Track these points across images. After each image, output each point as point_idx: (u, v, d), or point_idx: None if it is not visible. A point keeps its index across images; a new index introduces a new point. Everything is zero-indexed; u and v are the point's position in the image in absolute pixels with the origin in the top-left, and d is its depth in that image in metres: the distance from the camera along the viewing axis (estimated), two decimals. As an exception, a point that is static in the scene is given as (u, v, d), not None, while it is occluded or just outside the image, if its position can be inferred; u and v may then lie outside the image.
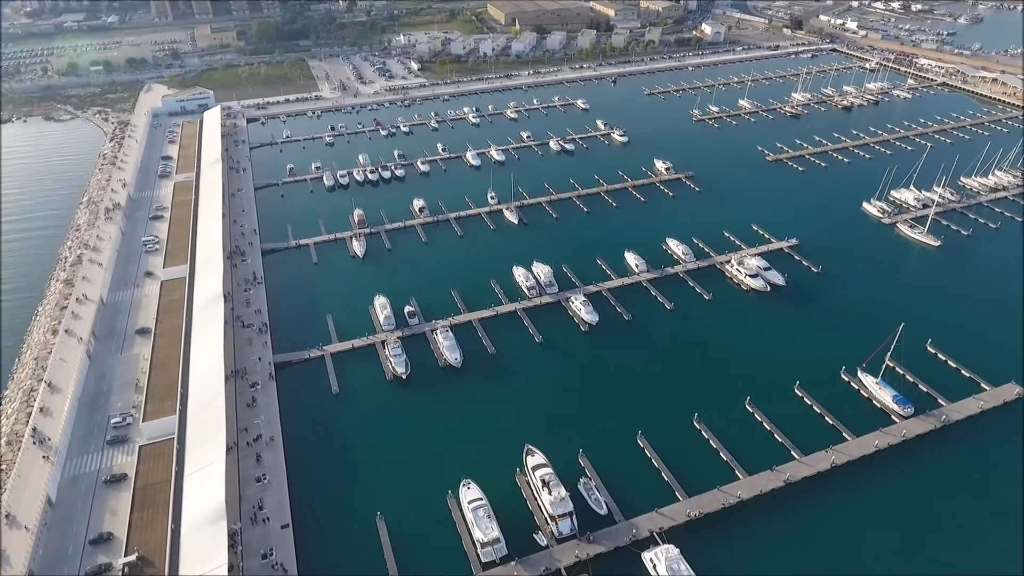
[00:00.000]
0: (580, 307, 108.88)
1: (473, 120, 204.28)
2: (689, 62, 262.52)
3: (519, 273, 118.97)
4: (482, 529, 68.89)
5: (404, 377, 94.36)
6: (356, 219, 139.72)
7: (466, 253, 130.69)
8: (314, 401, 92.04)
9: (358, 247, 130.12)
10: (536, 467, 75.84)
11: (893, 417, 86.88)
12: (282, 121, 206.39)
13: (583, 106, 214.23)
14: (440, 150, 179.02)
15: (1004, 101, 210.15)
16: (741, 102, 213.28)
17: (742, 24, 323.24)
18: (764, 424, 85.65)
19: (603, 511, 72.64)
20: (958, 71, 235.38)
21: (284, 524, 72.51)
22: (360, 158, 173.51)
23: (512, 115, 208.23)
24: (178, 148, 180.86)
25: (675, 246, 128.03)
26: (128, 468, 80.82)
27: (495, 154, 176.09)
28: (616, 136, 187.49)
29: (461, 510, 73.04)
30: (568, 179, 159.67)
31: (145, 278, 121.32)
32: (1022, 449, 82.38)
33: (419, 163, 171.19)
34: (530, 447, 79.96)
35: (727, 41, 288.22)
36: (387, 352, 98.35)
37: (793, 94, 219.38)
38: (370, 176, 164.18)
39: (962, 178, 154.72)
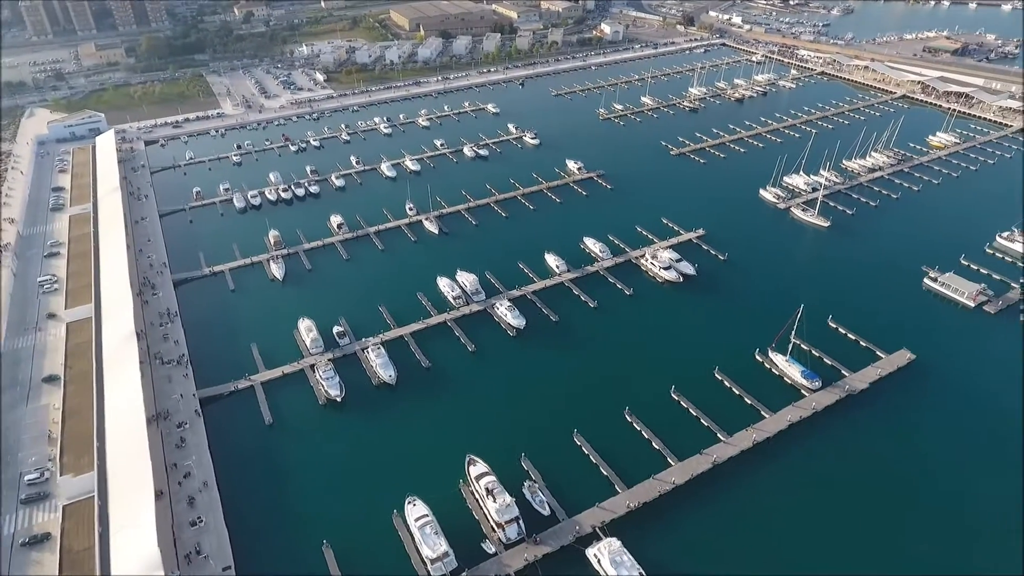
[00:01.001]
0: (507, 312, 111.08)
1: (385, 130, 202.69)
2: (592, 61, 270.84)
3: (444, 283, 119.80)
4: (430, 545, 69.67)
5: (339, 400, 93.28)
6: (272, 241, 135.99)
7: (390, 267, 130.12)
8: (246, 434, 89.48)
9: (277, 270, 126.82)
10: (479, 476, 77.32)
11: (803, 391, 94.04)
12: (183, 142, 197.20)
13: (494, 110, 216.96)
14: (354, 163, 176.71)
15: (875, 87, 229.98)
16: (643, 99, 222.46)
17: (638, 22, 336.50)
18: (690, 410, 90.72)
19: (547, 512, 75.04)
20: (834, 60, 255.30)
21: (226, 567, 70.47)
22: (271, 176, 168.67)
23: (424, 123, 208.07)
24: (70, 178, 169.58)
25: (592, 244, 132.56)
26: (50, 527, 75.96)
27: (410, 164, 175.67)
28: (528, 139, 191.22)
29: (408, 528, 73.41)
30: (484, 185, 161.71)
31: (47, 321, 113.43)
32: (916, 410, 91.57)
33: (333, 178, 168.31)
34: (472, 457, 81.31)
35: (626, 40, 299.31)
36: (318, 376, 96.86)
37: (690, 89, 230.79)
38: (283, 195, 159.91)
39: (844, 161, 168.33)
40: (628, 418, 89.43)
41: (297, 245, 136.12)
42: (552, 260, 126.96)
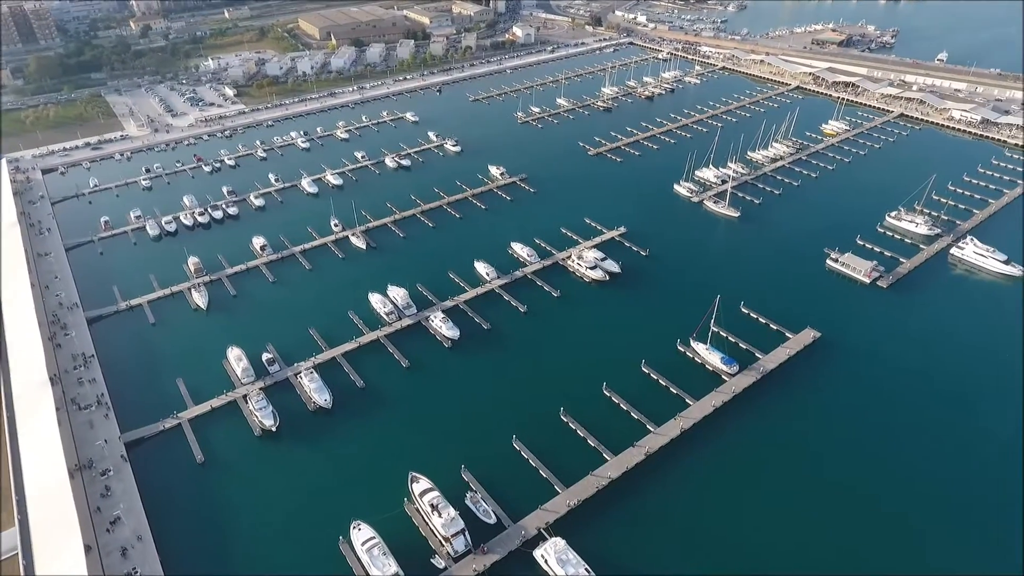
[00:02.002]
0: (440, 324, 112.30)
1: (303, 145, 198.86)
2: (507, 65, 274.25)
3: (375, 299, 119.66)
4: (379, 567, 70.35)
5: (274, 429, 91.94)
6: (192, 268, 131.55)
7: (318, 287, 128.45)
8: (178, 475, 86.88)
9: (199, 298, 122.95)
10: (423, 493, 78.44)
11: (723, 376, 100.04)
12: (86, 168, 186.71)
13: (413, 119, 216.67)
14: (273, 181, 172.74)
15: (772, 80, 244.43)
16: (559, 100, 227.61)
17: (549, 24, 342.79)
18: (621, 405, 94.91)
19: (492, 520, 77.05)
20: (733, 56, 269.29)
21: (168, 614, 68.84)
22: (185, 200, 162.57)
23: (343, 135, 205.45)
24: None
25: (519, 249, 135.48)
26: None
27: (331, 178, 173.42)
28: (449, 146, 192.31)
29: (355, 553, 73.67)
30: (409, 195, 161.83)
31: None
32: (823, 383, 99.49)
33: (252, 197, 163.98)
34: (414, 474, 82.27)
35: (538, 42, 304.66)
36: (251, 406, 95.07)
37: (603, 88, 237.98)
38: (200, 218, 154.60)
39: (749, 152, 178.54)
40: (564, 418, 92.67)
41: (219, 271, 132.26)
42: (482, 268, 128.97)
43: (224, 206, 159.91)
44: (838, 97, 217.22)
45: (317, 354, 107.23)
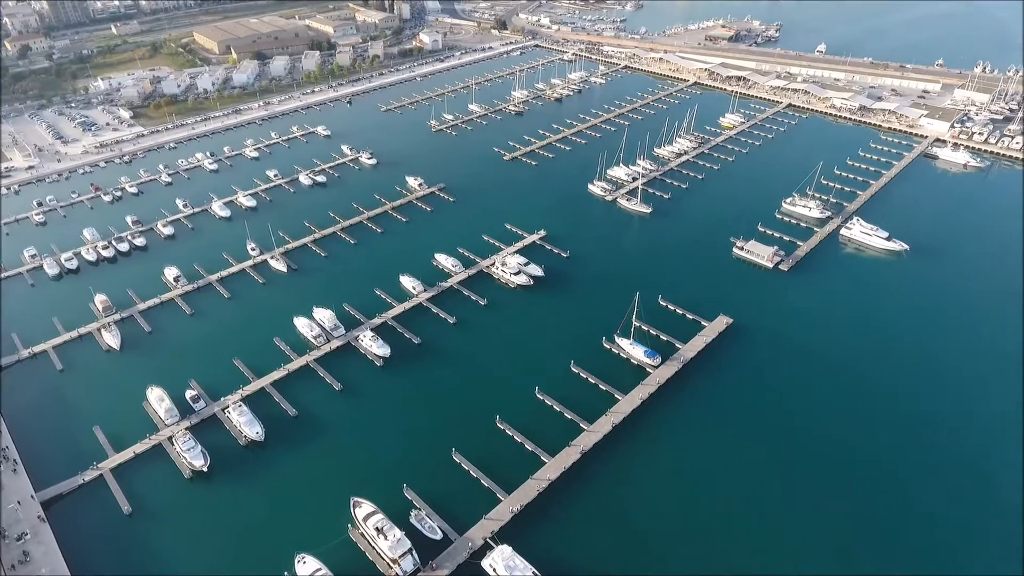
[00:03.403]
0: (370, 343, 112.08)
1: (210, 166, 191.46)
2: (417, 73, 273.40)
3: (301, 323, 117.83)
4: (329, 597, 70.44)
5: (205, 469, 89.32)
6: (100, 306, 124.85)
7: (239, 315, 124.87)
8: (105, 530, 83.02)
9: (111, 338, 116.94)
10: (367, 517, 78.74)
11: (648, 369, 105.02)
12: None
13: (325, 132, 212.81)
14: (181, 206, 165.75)
15: (671, 76, 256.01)
16: (471, 106, 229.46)
17: (455, 29, 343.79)
18: (555, 407, 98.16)
19: (438, 536, 78.27)
20: (634, 54, 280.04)
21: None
22: (86, 233, 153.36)
23: (253, 154, 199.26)
24: None
25: (443, 260, 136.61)
26: None
27: (244, 200, 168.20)
28: (365, 159, 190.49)
29: (303, 586, 73.40)
30: (327, 212, 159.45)
31: None
32: (739, 366, 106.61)
33: (160, 226, 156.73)
34: (356, 499, 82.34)
35: (446, 48, 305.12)
36: (178, 448, 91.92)
37: (513, 92, 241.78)
38: (103, 252, 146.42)
39: (656, 149, 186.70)
40: (500, 426, 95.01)
41: (130, 307, 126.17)
42: (408, 282, 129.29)
43: (130, 237, 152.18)
44: (732, 91, 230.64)
45: (244, 386, 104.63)
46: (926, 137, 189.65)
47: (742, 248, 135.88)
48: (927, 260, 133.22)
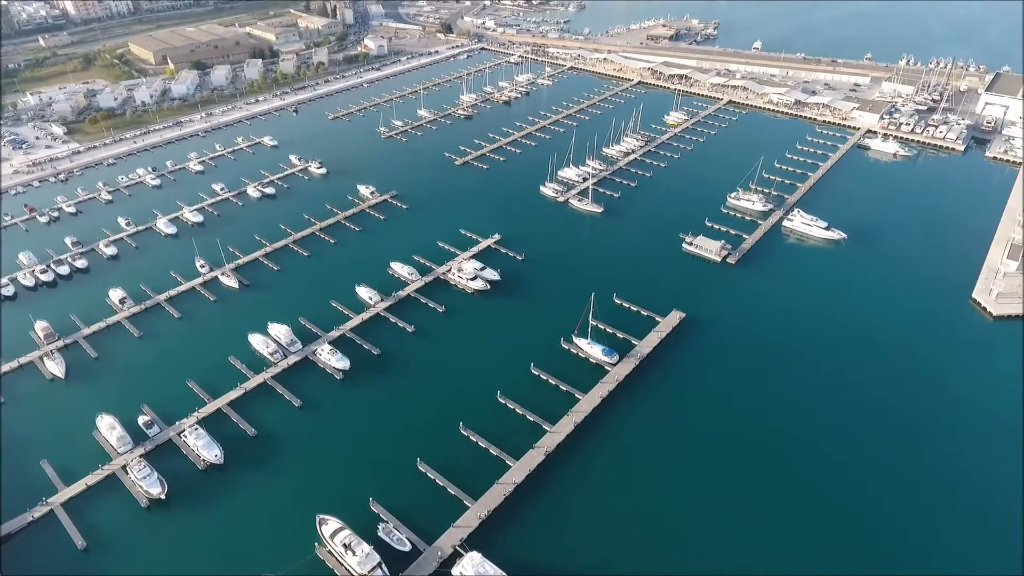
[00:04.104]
0: (329, 357, 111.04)
1: (152, 182, 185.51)
2: (364, 79, 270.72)
3: (256, 340, 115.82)
4: (299, 617, 69.93)
5: (163, 497, 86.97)
6: (41, 334, 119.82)
7: (191, 336, 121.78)
8: (59, 567, 80.00)
9: (54, 367, 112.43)
10: (333, 533, 78.31)
11: (606, 367, 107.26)
12: None
13: (271, 143, 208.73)
14: (123, 225, 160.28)
15: (616, 76, 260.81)
16: (420, 112, 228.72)
17: (400, 34, 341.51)
18: (517, 410, 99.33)
19: (407, 547, 78.38)
20: (579, 55, 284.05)
21: None
22: (21, 257, 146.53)
23: (197, 167, 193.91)
24: None
25: (399, 268, 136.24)
26: None
27: (190, 215, 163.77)
28: (314, 169, 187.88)
29: (272, 608, 72.64)
30: (278, 225, 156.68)
31: None
32: (694, 360, 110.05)
33: (102, 246, 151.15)
34: (322, 516, 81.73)
35: (392, 53, 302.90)
36: (133, 476, 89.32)
37: (462, 96, 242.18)
38: (42, 277, 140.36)
39: (604, 148, 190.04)
40: (464, 432, 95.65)
41: (74, 333, 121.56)
42: (364, 292, 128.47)
43: (70, 259, 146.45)
44: (675, 89, 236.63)
45: (200, 408, 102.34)
46: (858, 129, 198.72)
47: (691, 243, 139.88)
48: (864, 247, 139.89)
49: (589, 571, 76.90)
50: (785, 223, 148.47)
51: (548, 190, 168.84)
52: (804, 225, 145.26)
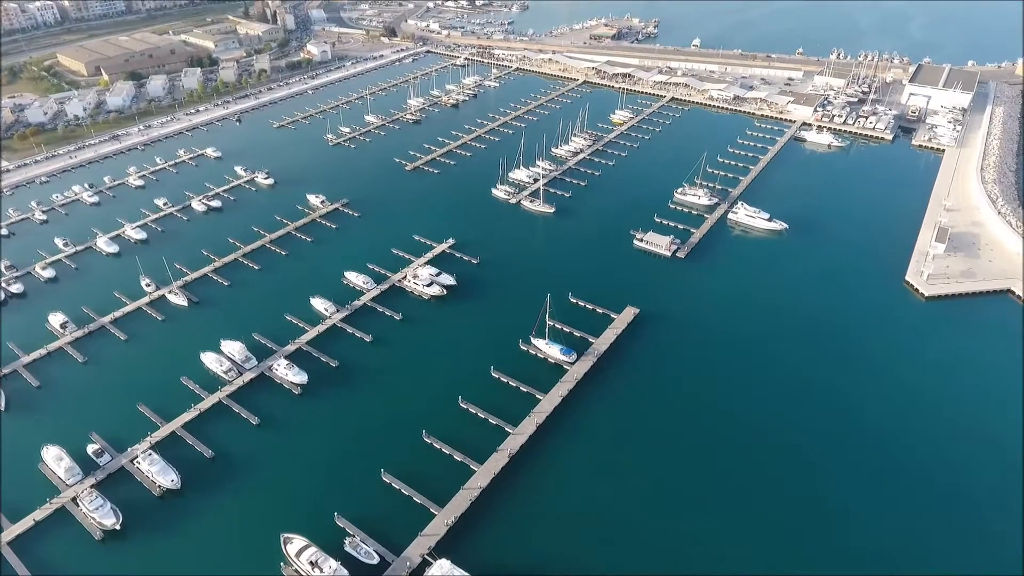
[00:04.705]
0: (286, 371, 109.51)
1: (90, 199, 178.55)
2: (308, 85, 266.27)
3: (209, 359, 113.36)
4: (268, 638, 69.16)
5: (117, 527, 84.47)
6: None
7: (139, 358, 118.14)
8: (11, 607, 77.43)
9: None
10: (299, 552, 77.64)
11: (565, 367, 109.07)
12: None
13: (215, 154, 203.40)
14: (61, 245, 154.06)
15: (561, 76, 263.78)
16: (368, 117, 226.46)
17: (343, 38, 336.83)
18: (479, 414, 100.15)
19: (375, 560, 78.31)
20: (524, 56, 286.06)
21: None
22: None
23: (137, 182, 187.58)
24: None
25: (354, 278, 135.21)
26: None
27: (133, 233, 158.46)
28: (261, 180, 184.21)
29: (239, 631, 71.56)
30: (226, 239, 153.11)
31: None
32: (650, 354, 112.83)
33: (38, 268, 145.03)
34: (286, 535, 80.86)
35: (335, 58, 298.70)
36: (84, 508, 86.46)
37: (409, 100, 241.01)
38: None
39: (553, 149, 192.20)
40: (427, 440, 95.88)
41: (12, 361, 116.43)
42: (319, 304, 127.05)
43: (4, 284, 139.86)
44: (619, 88, 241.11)
45: (153, 432, 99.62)
46: (794, 122, 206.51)
47: (642, 240, 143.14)
48: (804, 236, 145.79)
49: (559, 571, 78.10)
50: (730, 216, 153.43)
51: (500, 192, 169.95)
52: (748, 217, 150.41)
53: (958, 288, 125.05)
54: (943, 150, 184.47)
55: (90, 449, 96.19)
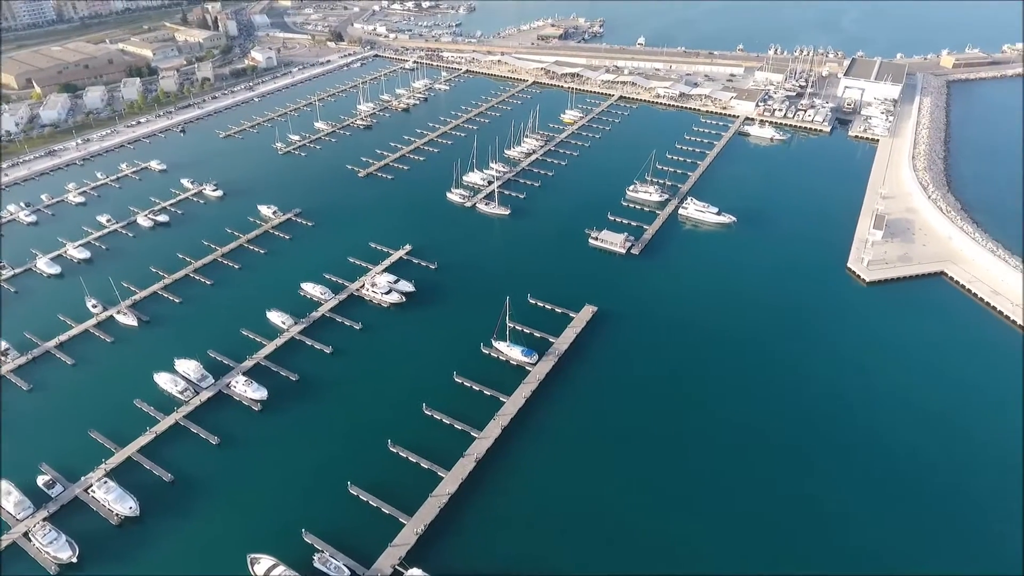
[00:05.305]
0: (244, 388, 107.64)
1: (27, 218, 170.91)
2: (254, 93, 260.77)
3: (163, 379, 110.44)
4: (239, 661, 68.24)
5: (74, 560, 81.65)
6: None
7: (89, 382, 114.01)
8: (-37, 651, 74.25)
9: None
10: (267, 572, 76.71)
11: (527, 368, 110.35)
12: None
13: (160, 167, 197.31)
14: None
15: (511, 78, 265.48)
16: (317, 124, 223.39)
17: (288, 44, 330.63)
18: (444, 420, 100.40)
19: (346, 574, 77.89)
20: (473, 58, 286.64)
21: None
22: None
23: (77, 199, 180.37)
24: None
25: (311, 289, 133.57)
26: None
27: (75, 252, 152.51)
28: (209, 192, 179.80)
29: (209, 657, 70.36)
30: (176, 254, 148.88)
31: None
32: (609, 352, 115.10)
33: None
34: (253, 556, 79.71)
35: (281, 64, 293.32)
36: (37, 543, 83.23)
37: (359, 106, 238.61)
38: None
39: (506, 151, 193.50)
40: (393, 449, 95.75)
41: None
42: (276, 317, 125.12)
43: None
44: (568, 87, 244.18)
45: (108, 458, 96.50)
46: (737, 117, 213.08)
47: (596, 238, 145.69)
48: (751, 228, 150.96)
49: (530, 572, 78.98)
50: (681, 211, 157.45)
51: (455, 196, 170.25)
52: (698, 212, 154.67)
53: (896, 272, 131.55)
54: (877, 140, 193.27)
55: (40, 481, 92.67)
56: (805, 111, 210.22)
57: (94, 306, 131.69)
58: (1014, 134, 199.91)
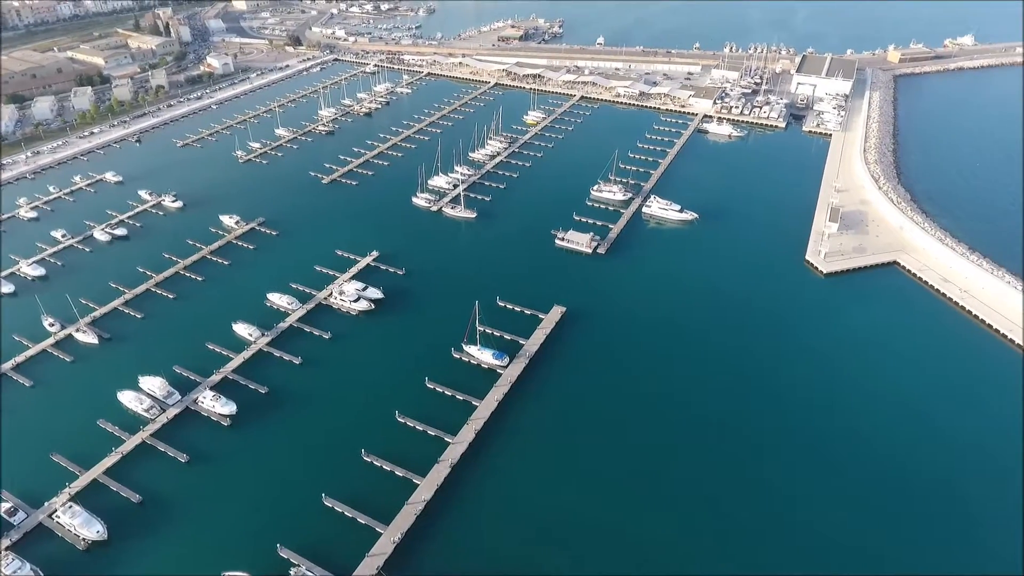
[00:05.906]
0: (212, 403, 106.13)
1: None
2: (211, 100, 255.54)
3: (127, 398, 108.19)
4: None
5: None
6: None
7: (48, 404, 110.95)
8: None
9: None
10: (243, 589, 76.23)
11: (499, 371, 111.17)
12: None
13: (115, 179, 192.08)
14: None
15: (473, 80, 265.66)
16: (278, 131, 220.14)
17: (245, 49, 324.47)
18: (417, 427, 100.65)
19: (324, 586, 78.11)
20: (434, 61, 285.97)
21: None
22: None
23: (29, 214, 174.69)
24: None
25: (277, 299, 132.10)
26: None
27: (29, 269, 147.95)
28: (168, 203, 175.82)
29: None
30: (136, 268, 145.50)
31: None
32: (580, 350, 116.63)
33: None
34: (227, 574, 78.92)
35: (239, 70, 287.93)
36: (2, 573, 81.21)
37: (320, 111, 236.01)
38: None
39: (470, 153, 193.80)
40: (367, 459, 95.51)
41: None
42: (242, 329, 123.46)
43: None
44: (530, 88, 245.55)
45: (72, 482, 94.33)
46: (696, 115, 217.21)
47: (563, 238, 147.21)
48: (713, 224, 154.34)
49: (510, 574, 79.72)
50: (644, 209, 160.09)
51: (421, 200, 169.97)
52: (661, 210, 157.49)
53: (852, 263, 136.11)
54: (830, 135, 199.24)
55: (2, 509, 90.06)
56: (760, 107, 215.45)
57: (51, 325, 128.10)
58: (958, 125, 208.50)
